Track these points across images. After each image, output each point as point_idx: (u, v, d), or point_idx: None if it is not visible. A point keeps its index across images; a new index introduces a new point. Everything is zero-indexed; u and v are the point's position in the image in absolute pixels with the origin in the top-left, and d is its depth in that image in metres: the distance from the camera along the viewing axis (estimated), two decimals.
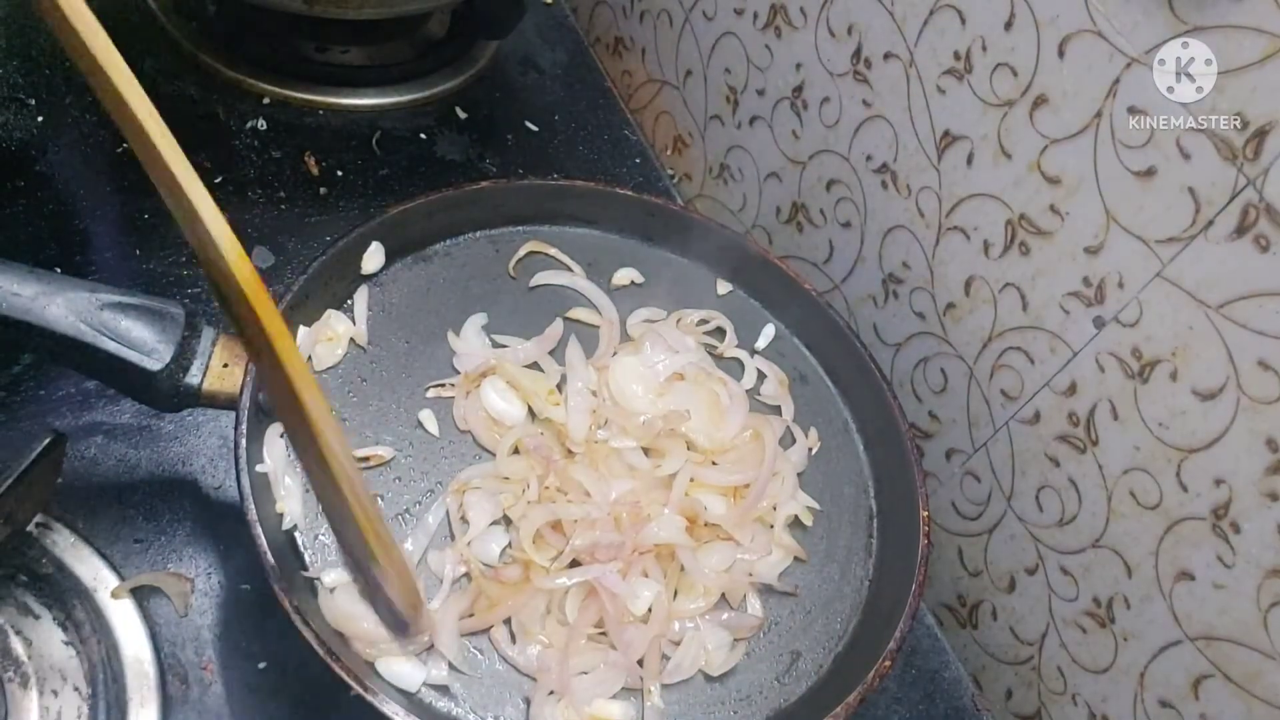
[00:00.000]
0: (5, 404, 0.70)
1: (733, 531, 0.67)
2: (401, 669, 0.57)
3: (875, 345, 0.88)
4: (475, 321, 0.75)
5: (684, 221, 0.83)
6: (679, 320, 0.79)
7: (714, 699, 0.63)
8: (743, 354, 0.79)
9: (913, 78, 0.79)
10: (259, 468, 0.61)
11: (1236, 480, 0.62)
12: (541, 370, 0.74)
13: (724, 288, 0.83)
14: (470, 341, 0.74)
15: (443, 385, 0.71)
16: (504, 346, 0.74)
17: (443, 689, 0.58)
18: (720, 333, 0.80)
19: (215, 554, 0.68)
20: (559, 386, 0.72)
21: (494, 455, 0.68)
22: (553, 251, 0.80)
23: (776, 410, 0.77)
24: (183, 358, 0.61)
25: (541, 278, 0.79)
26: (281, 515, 0.61)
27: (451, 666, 0.59)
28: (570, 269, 0.80)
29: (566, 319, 0.77)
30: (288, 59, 0.99)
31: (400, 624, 0.51)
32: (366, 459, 0.66)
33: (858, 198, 0.87)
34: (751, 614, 0.65)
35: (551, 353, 0.75)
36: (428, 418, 0.69)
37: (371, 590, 0.49)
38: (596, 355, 0.75)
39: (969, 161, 0.76)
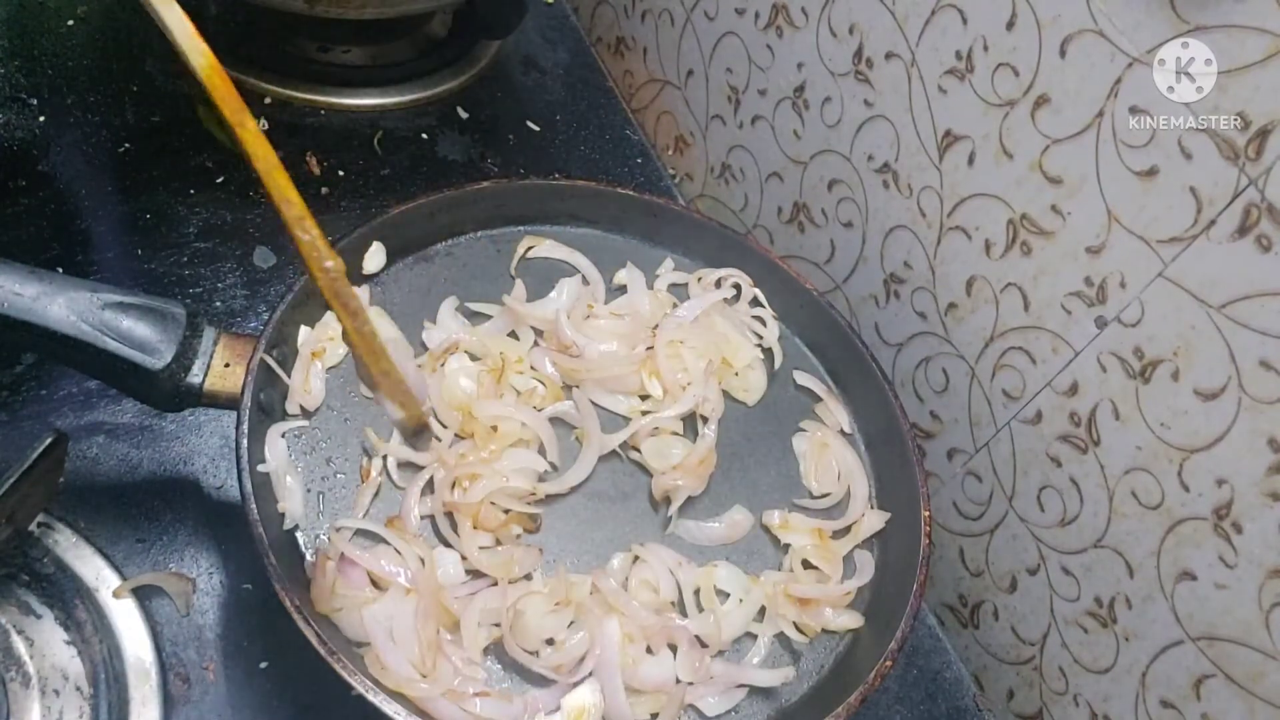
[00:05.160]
0: (7, 404, 0.71)
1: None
2: None
3: (877, 345, 0.88)
4: (449, 304, 0.75)
5: (685, 221, 0.83)
6: (699, 279, 0.81)
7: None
8: (765, 313, 0.81)
9: (914, 77, 0.79)
10: (261, 467, 0.62)
11: (1238, 480, 0.62)
12: (517, 339, 0.75)
13: None
14: (446, 324, 0.74)
15: None
16: (483, 315, 0.75)
17: None
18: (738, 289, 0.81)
19: (217, 554, 0.68)
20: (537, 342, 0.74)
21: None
22: (548, 243, 0.80)
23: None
24: (184, 357, 0.61)
25: (536, 251, 0.80)
26: (283, 515, 0.61)
27: None
28: (568, 261, 0.80)
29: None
30: (289, 59, 0.99)
31: (400, 425, 0.54)
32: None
33: (859, 197, 0.87)
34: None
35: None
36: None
37: (379, 401, 0.53)
38: (575, 308, 0.76)
39: (970, 161, 0.76)
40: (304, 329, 0.69)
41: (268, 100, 0.96)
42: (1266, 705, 0.61)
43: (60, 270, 0.75)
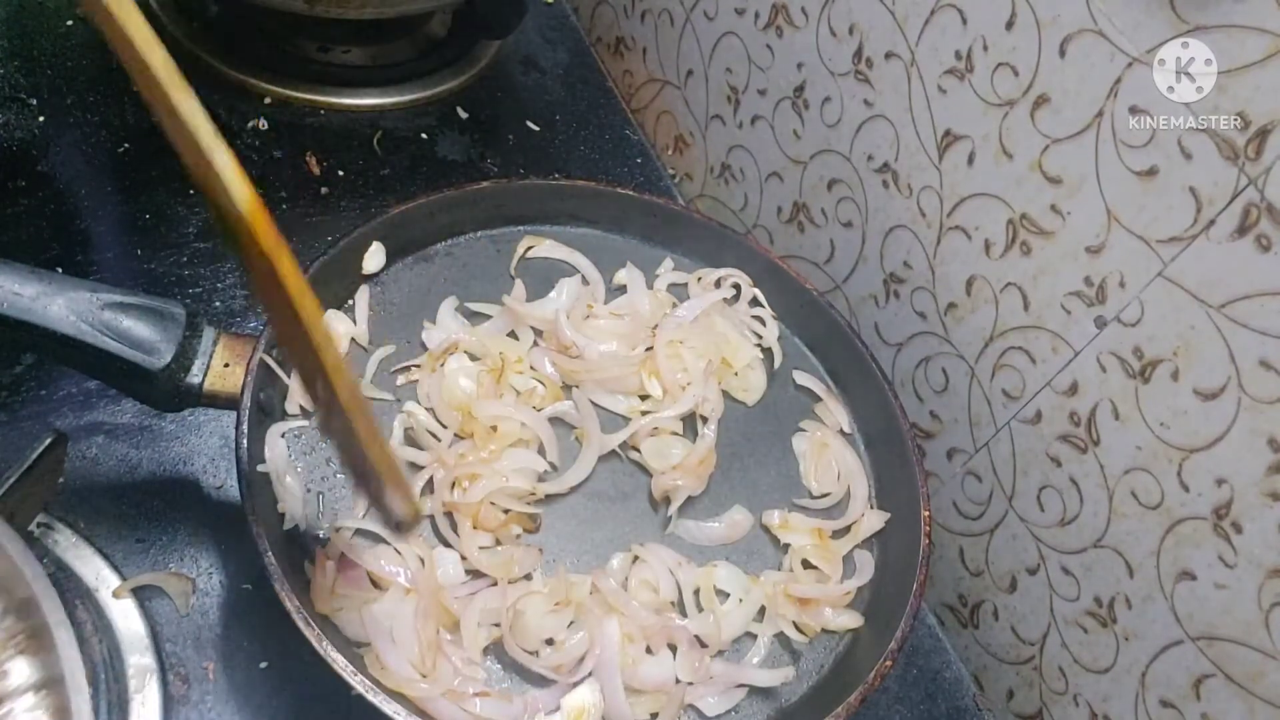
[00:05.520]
0: (6, 404, 0.70)
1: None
2: None
3: (876, 345, 0.88)
4: (449, 304, 0.75)
5: (685, 221, 0.83)
6: (699, 279, 0.81)
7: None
8: (765, 313, 0.81)
9: (914, 77, 0.79)
10: (260, 467, 0.62)
11: (1238, 480, 0.62)
12: (517, 338, 0.75)
13: None
14: (446, 324, 0.74)
15: (408, 369, 0.71)
16: (482, 315, 0.75)
17: None
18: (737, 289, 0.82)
19: (216, 554, 0.68)
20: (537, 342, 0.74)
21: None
22: (548, 243, 0.80)
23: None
24: (184, 357, 0.61)
25: (536, 251, 0.80)
26: (283, 515, 0.61)
27: None
28: (568, 261, 0.80)
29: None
30: (289, 59, 0.99)
31: (396, 522, 0.53)
32: None
33: (859, 197, 0.87)
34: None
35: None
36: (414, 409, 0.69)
37: (374, 497, 0.53)
38: (575, 307, 0.76)
39: (970, 161, 0.76)
40: None
41: (268, 100, 0.96)
42: (1266, 705, 0.61)
43: (60, 270, 0.75)
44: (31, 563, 0.51)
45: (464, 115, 1.02)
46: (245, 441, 0.59)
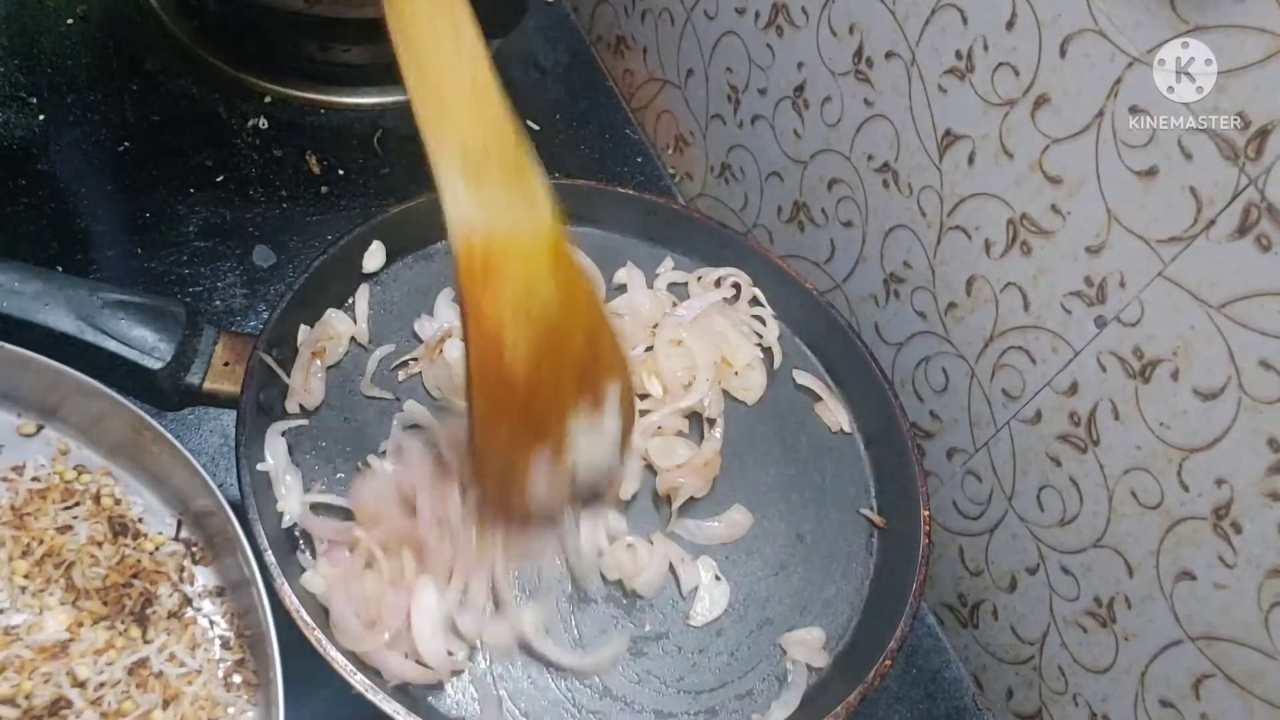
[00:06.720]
0: None
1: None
2: None
3: (876, 344, 0.88)
4: (445, 295, 0.75)
5: (685, 221, 0.83)
6: (699, 278, 0.81)
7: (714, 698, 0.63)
8: (765, 312, 0.80)
9: (914, 77, 0.79)
10: (260, 466, 0.62)
11: (1238, 480, 0.62)
12: None
13: None
14: (442, 314, 0.74)
15: (406, 364, 0.71)
16: None
17: None
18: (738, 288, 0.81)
19: None
20: None
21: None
22: None
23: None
24: (184, 356, 0.61)
25: None
26: (282, 515, 0.61)
27: None
28: None
29: None
30: (289, 58, 0.99)
31: None
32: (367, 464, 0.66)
33: (859, 197, 0.87)
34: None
35: None
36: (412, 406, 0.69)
37: None
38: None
39: (970, 161, 0.76)
40: (304, 328, 0.69)
41: (267, 99, 0.96)
42: (1266, 705, 0.62)
43: (60, 269, 0.75)
44: (206, 477, 0.56)
45: None
46: (245, 440, 0.60)
